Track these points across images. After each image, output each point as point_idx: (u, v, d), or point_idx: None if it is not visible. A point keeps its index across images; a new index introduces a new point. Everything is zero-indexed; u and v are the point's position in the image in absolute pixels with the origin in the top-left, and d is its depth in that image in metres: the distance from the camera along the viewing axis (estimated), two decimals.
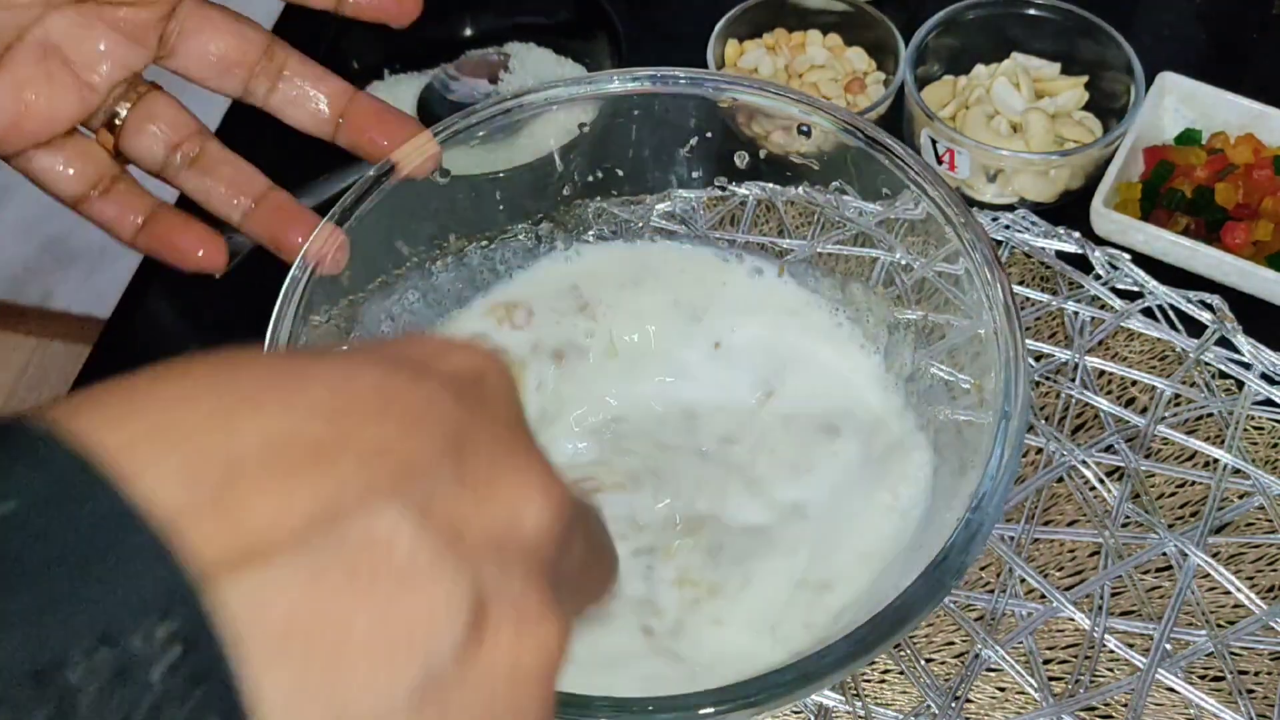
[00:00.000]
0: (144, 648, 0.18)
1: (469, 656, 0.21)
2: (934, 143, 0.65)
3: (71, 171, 0.48)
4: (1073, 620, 0.51)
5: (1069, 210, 0.65)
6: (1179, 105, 0.66)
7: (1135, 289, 0.61)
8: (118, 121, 0.48)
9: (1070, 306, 0.60)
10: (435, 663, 0.21)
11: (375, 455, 0.21)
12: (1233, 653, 0.50)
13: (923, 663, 0.50)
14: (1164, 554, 0.52)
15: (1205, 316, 0.59)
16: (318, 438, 0.21)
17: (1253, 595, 0.51)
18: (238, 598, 0.19)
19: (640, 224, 0.56)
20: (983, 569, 0.53)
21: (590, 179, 0.55)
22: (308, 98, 0.49)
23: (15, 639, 0.17)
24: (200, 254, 0.49)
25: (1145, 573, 0.52)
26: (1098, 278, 0.61)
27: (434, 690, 0.21)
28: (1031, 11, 0.68)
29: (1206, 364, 0.58)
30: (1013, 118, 0.66)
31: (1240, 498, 0.54)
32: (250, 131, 0.51)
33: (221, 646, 0.19)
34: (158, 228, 0.49)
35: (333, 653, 0.20)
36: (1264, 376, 0.57)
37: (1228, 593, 0.51)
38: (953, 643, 0.51)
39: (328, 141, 0.50)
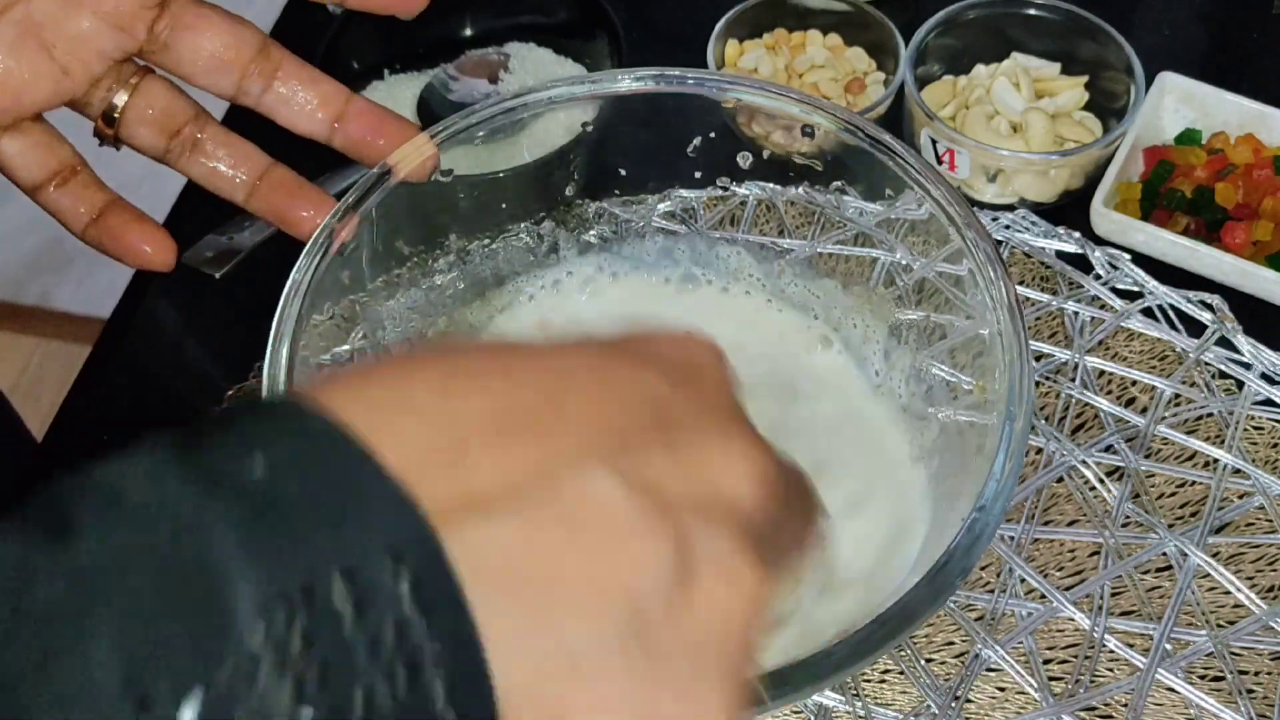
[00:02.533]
0: (382, 581, 0.21)
1: (676, 603, 0.23)
2: (934, 143, 0.65)
3: (32, 159, 0.47)
4: (1073, 620, 0.51)
5: (1069, 210, 0.65)
6: (1179, 105, 0.66)
7: (1135, 289, 0.61)
8: (115, 113, 0.48)
9: (1070, 306, 0.60)
10: (643, 605, 0.23)
11: (589, 426, 0.24)
12: (1233, 653, 0.50)
13: (923, 663, 0.51)
14: (1164, 554, 0.52)
15: (1205, 316, 0.59)
16: (537, 409, 0.24)
17: (1253, 595, 0.51)
18: (464, 541, 0.22)
19: (641, 224, 0.56)
20: (983, 569, 0.53)
21: (591, 179, 0.55)
22: (303, 99, 0.48)
23: (273, 570, 0.20)
24: (148, 250, 0.48)
25: (1145, 573, 0.52)
26: (1098, 278, 0.61)
27: (644, 632, 0.23)
28: (1031, 11, 0.68)
29: (1206, 364, 0.58)
30: (1013, 118, 0.66)
31: (1240, 498, 0.54)
32: (249, 132, 0.51)
33: (450, 583, 0.21)
34: (109, 222, 0.48)
35: (548, 590, 0.22)
36: (1264, 376, 0.58)
37: (1228, 593, 0.51)
38: (953, 643, 0.51)
39: (324, 145, 0.50)
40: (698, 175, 0.55)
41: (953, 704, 0.49)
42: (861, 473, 0.50)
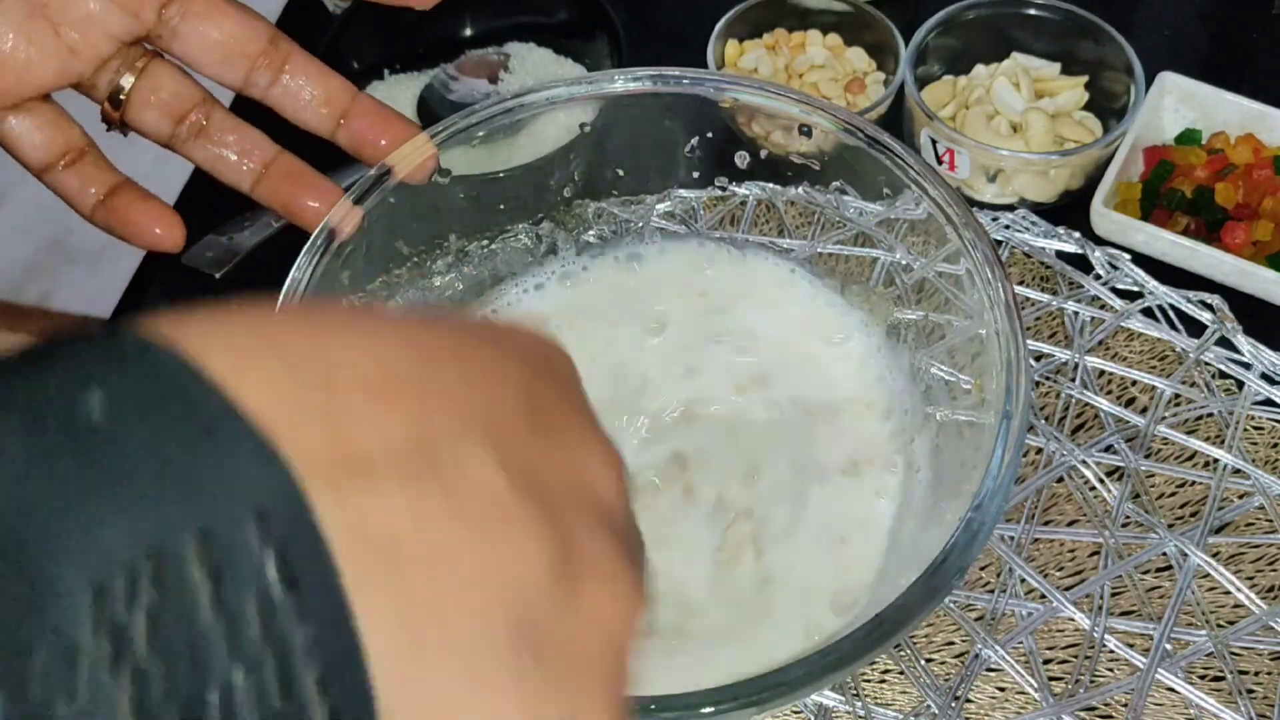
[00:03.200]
0: (245, 548, 0.18)
1: (561, 604, 0.21)
2: (934, 143, 0.65)
3: (41, 139, 0.47)
4: (1073, 620, 0.51)
5: (1069, 210, 0.65)
6: (1179, 105, 0.66)
7: (1135, 289, 0.61)
8: (122, 96, 0.48)
9: (1070, 306, 0.60)
10: (531, 603, 0.21)
11: (463, 403, 0.21)
12: (1233, 653, 0.50)
13: (923, 663, 0.50)
14: (1164, 554, 0.52)
15: (1205, 316, 0.59)
16: (407, 372, 0.21)
17: (1253, 595, 0.51)
18: (341, 507, 0.19)
19: (640, 224, 0.56)
20: (983, 569, 0.53)
21: (590, 179, 0.55)
22: (309, 94, 0.48)
23: (112, 532, 0.17)
24: (157, 231, 0.48)
25: (1145, 573, 0.52)
26: (1098, 278, 0.61)
27: (532, 633, 0.21)
28: (1031, 11, 0.68)
29: (1206, 364, 0.58)
30: (1013, 118, 0.66)
31: (1240, 498, 0.54)
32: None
33: (323, 555, 0.18)
34: (117, 203, 0.48)
35: (435, 575, 0.20)
36: (1264, 376, 0.57)
37: (1228, 593, 0.51)
38: (953, 643, 0.51)
39: (327, 140, 0.50)
40: (696, 175, 0.55)
41: (953, 704, 0.49)
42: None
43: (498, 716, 0.20)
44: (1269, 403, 0.57)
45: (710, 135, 0.54)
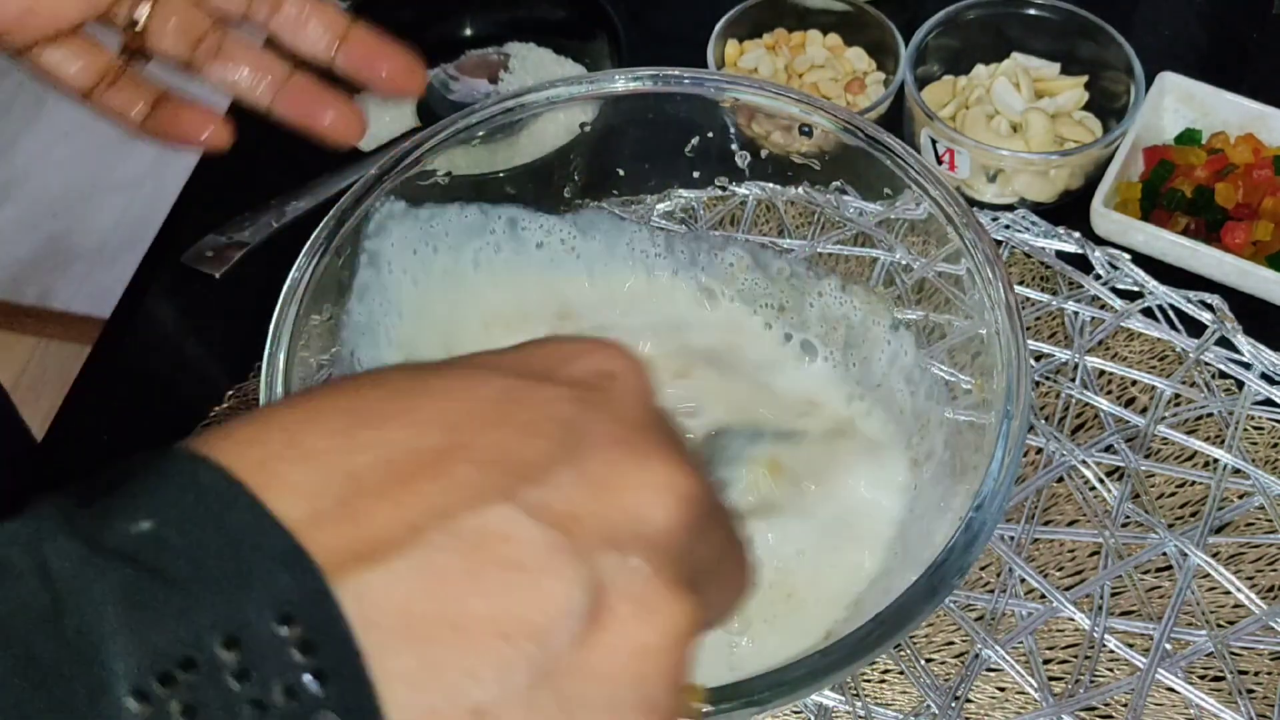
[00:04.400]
0: (271, 646, 0.20)
1: (588, 642, 0.22)
2: (934, 143, 0.65)
3: (80, 66, 0.49)
4: (1073, 620, 0.51)
5: (1069, 210, 0.65)
6: (1179, 105, 0.66)
7: (1135, 289, 0.61)
8: (138, 28, 0.49)
9: (1070, 306, 0.60)
10: (553, 647, 0.22)
11: (491, 460, 0.23)
12: (1233, 653, 0.50)
13: (923, 663, 0.50)
14: (1164, 554, 0.52)
15: (1205, 316, 0.59)
16: (436, 447, 0.23)
17: (1253, 595, 0.51)
18: (357, 594, 0.21)
19: (640, 224, 0.56)
20: (983, 569, 0.53)
21: (590, 179, 0.55)
22: (308, 23, 0.50)
23: (144, 640, 0.20)
24: (205, 135, 0.50)
25: (1145, 573, 0.52)
26: (1098, 278, 0.61)
27: (554, 675, 0.22)
28: (1031, 11, 0.68)
29: (1206, 364, 0.58)
30: (1013, 118, 0.66)
31: (1240, 498, 0.54)
32: (250, 134, 0.51)
33: (345, 641, 0.20)
34: (163, 113, 0.50)
35: (450, 639, 0.21)
36: (1264, 376, 0.57)
37: (1228, 593, 0.51)
38: (953, 643, 0.51)
39: (325, 139, 0.50)
40: (696, 175, 0.55)
41: (953, 704, 0.49)
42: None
43: None
44: (1269, 403, 0.57)
45: (710, 135, 0.54)
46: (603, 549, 0.23)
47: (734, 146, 0.54)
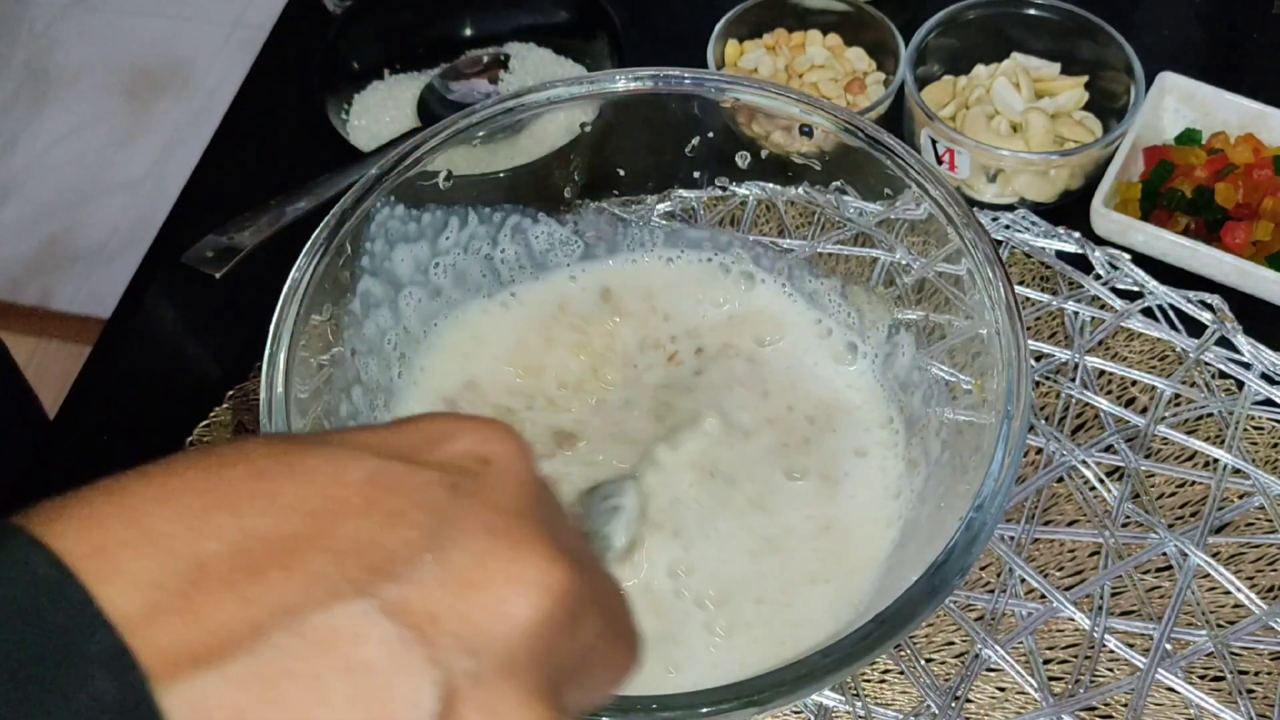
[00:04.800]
0: None
1: None
2: (934, 143, 0.65)
3: None
4: (1073, 620, 0.51)
5: (1069, 210, 0.65)
6: (1179, 105, 0.66)
7: (1135, 289, 0.61)
8: None
9: (1070, 306, 0.60)
10: None
11: (351, 551, 0.21)
12: (1233, 653, 0.50)
13: (923, 663, 0.51)
14: (1164, 554, 0.52)
15: (1205, 316, 0.59)
16: (293, 535, 0.21)
17: (1253, 595, 0.51)
18: (188, 700, 0.19)
19: (640, 224, 0.56)
20: (983, 569, 0.53)
21: (591, 179, 0.55)
22: None
23: None
24: None
25: (1145, 573, 0.52)
26: (1098, 278, 0.61)
27: None
28: (1031, 11, 0.68)
29: (1206, 364, 0.58)
30: (1013, 118, 0.66)
31: (1240, 498, 0.54)
32: (251, 134, 0.51)
33: None
34: None
35: None
36: (1264, 376, 0.57)
37: (1228, 593, 0.51)
38: (953, 643, 0.51)
39: (326, 144, 0.50)
40: (697, 175, 0.55)
41: (953, 704, 0.49)
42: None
43: None
44: (1269, 403, 0.57)
45: (710, 135, 0.54)
46: (458, 653, 0.22)
47: (734, 147, 0.54)
